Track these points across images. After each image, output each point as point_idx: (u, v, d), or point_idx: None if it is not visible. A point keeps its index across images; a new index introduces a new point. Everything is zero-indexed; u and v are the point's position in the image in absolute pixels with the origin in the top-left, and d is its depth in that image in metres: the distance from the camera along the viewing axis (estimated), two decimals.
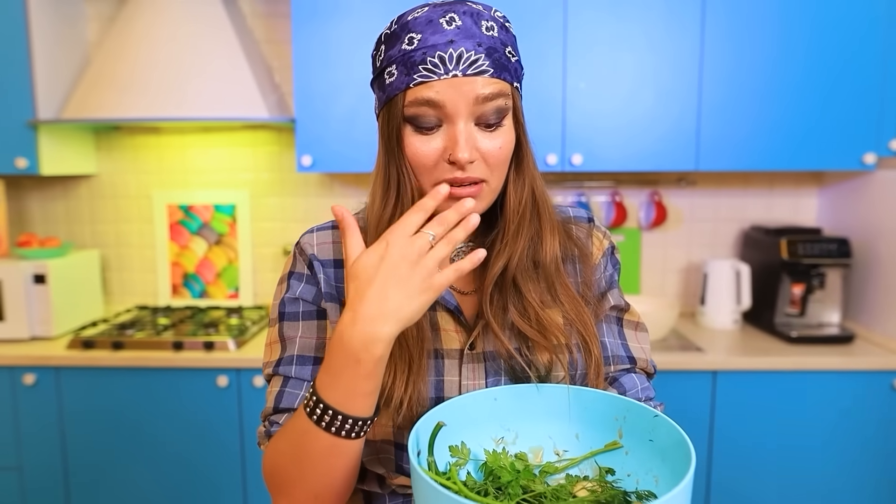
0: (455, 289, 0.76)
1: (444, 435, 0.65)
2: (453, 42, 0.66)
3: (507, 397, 0.69)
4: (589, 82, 1.95)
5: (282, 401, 0.72)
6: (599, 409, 0.67)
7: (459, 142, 0.66)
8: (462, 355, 0.73)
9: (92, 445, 1.92)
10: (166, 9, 2.01)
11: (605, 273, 0.80)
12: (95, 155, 2.36)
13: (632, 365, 0.78)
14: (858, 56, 1.92)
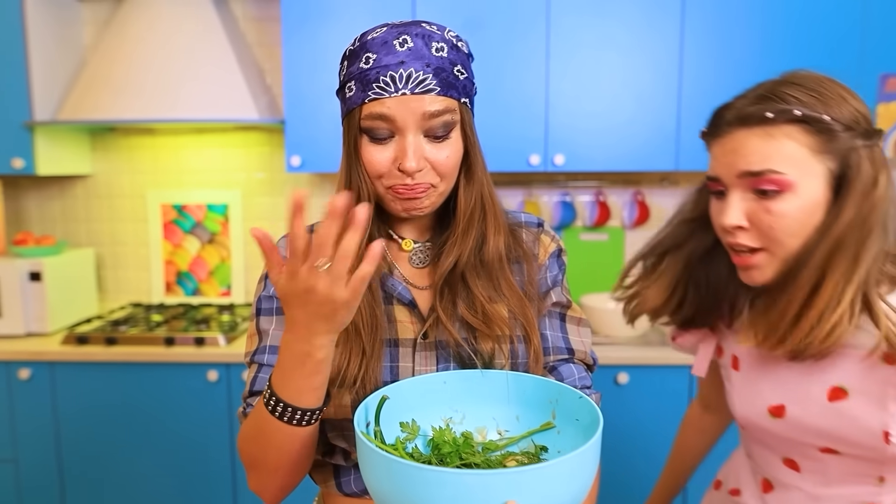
0: (411, 284, 0.81)
1: (397, 413, 0.70)
2: (404, 63, 0.72)
3: (456, 381, 0.74)
4: (571, 85, 2.00)
5: (255, 384, 0.78)
6: (536, 393, 0.72)
7: (408, 153, 0.72)
8: (415, 344, 0.78)
9: (86, 438, 1.97)
10: (160, 13, 2.07)
11: (551, 273, 0.85)
12: (91, 155, 2.41)
13: (570, 356, 0.83)
14: (833, 59, 1.96)
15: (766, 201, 0.75)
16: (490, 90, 2.00)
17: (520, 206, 2.33)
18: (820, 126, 0.73)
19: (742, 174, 0.76)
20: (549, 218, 2.36)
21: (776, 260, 0.77)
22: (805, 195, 0.74)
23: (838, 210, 0.74)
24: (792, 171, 0.74)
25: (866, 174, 0.73)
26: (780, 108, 0.74)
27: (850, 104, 0.76)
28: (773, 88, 0.76)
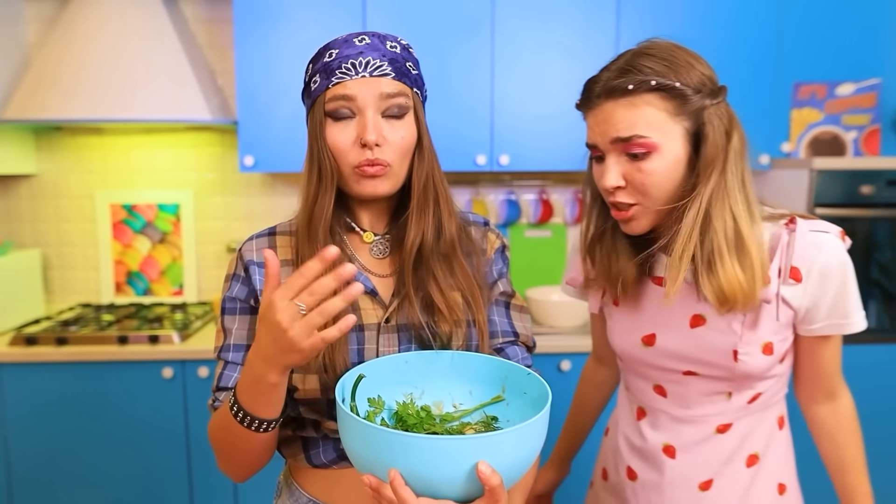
0: (371, 273, 0.89)
1: (364, 389, 0.78)
2: (362, 53, 0.83)
3: (416, 361, 0.82)
4: (516, 88, 2.11)
5: (221, 381, 0.87)
6: (487, 371, 0.82)
7: (368, 126, 0.81)
8: (379, 328, 0.86)
9: (36, 440, 1.96)
10: (109, 13, 2.07)
11: (496, 266, 0.95)
12: (36, 155, 2.38)
13: (515, 338, 0.93)
14: (751, 68, 2.13)
15: (637, 162, 0.85)
16: (438, 94, 2.09)
17: (467, 204, 2.43)
18: (673, 92, 0.83)
19: (614, 140, 0.86)
20: (495, 216, 2.47)
21: (649, 212, 0.88)
22: (669, 153, 0.85)
23: (704, 169, 0.84)
24: (655, 134, 0.84)
25: (718, 129, 0.85)
26: (638, 79, 0.84)
27: (696, 69, 0.85)
28: (631, 60, 0.86)
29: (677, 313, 0.95)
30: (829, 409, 0.99)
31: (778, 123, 2.18)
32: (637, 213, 0.89)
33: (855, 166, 2.02)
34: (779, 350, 0.92)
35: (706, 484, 0.98)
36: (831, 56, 2.16)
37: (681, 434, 0.99)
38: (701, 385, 0.96)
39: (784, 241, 0.88)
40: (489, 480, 0.62)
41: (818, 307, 0.89)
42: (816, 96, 2.18)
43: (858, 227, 2.05)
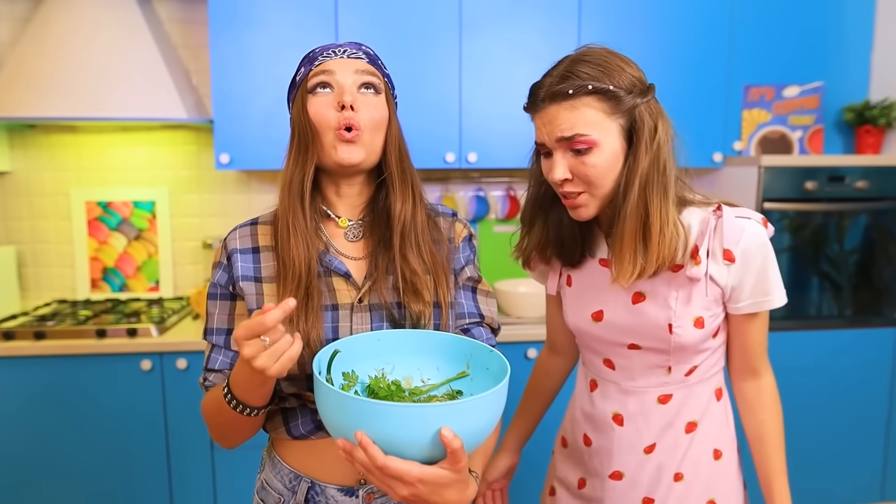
0: (346, 256, 0.97)
1: (339, 364, 0.86)
2: (341, 45, 0.95)
3: (387, 338, 0.90)
4: (483, 89, 2.20)
5: (209, 363, 0.96)
6: (453, 348, 0.90)
7: (345, 91, 0.91)
8: (353, 307, 0.94)
9: (15, 433, 2.00)
10: (83, 12, 2.10)
11: (464, 254, 1.04)
12: (9, 153, 2.40)
13: (480, 320, 1.02)
14: (708, 71, 2.26)
15: (580, 157, 0.95)
16: (409, 95, 2.18)
17: (437, 199, 2.52)
18: (608, 94, 0.94)
19: (559, 139, 0.95)
20: (465, 211, 2.57)
21: (595, 199, 0.99)
22: (607, 148, 0.95)
23: (635, 154, 0.95)
24: (594, 132, 0.93)
25: (648, 124, 0.95)
26: (577, 84, 0.94)
27: (627, 72, 0.95)
28: (570, 67, 0.96)
29: (621, 291, 1.06)
30: (752, 386, 1.10)
31: (730, 123, 2.32)
32: (585, 200, 0.99)
33: (800, 163, 2.16)
34: (709, 325, 1.02)
35: (650, 448, 1.09)
36: (778, 60, 2.31)
37: (627, 404, 1.10)
38: (644, 358, 1.07)
39: (711, 225, 0.99)
40: (451, 443, 0.71)
41: (742, 286, 1.00)
42: (765, 98, 2.32)
43: (804, 221, 2.20)
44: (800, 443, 2.29)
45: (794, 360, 2.25)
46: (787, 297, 1.03)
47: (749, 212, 1.01)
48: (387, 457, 0.72)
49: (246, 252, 0.97)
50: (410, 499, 0.75)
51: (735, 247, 0.98)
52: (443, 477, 0.74)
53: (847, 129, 2.41)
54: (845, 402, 2.29)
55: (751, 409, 1.10)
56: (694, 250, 0.99)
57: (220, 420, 0.91)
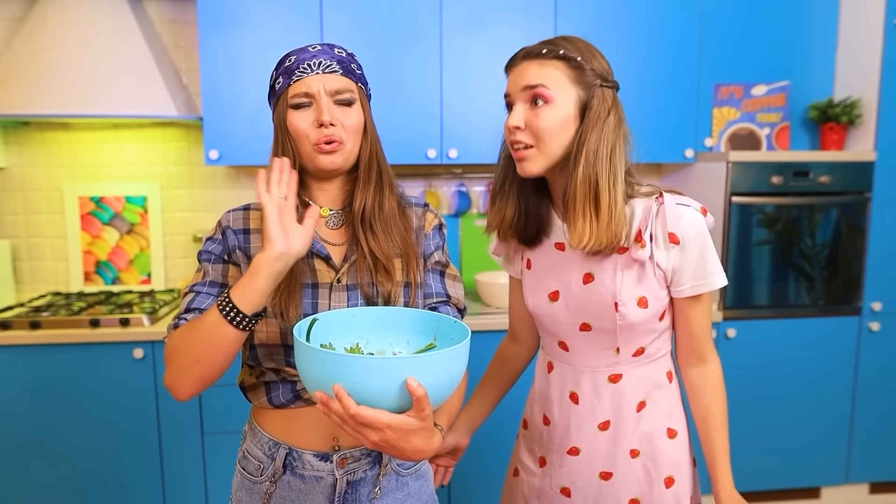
0: (326, 242, 1.07)
1: (318, 337, 0.94)
2: (316, 56, 1.02)
3: (362, 314, 0.99)
4: (462, 87, 2.29)
5: (193, 303, 1.01)
6: (421, 323, 0.99)
7: (324, 110, 1.00)
8: (332, 286, 1.04)
9: (11, 419, 2.07)
10: (76, 12, 2.18)
11: (434, 241, 1.13)
12: (4, 149, 2.46)
13: (447, 299, 1.11)
14: (676, 71, 2.36)
15: (536, 109, 1.05)
16: (392, 94, 2.27)
17: (421, 195, 2.61)
18: (575, 63, 1.05)
19: (524, 88, 1.05)
20: (448, 206, 2.65)
21: (541, 155, 1.07)
22: (561, 108, 1.05)
23: (585, 128, 1.05)
24: (554, 90, 1.04)
25: (602, 105, 1.06)
26: (551, 48, 1.06)
27: (597, 59, 1.07)
28: (552, 39, 1.08)
29: (574, 272, 1.15)
30: (698, 371, 1.17)
31: (701, 120, 2.41)
32: (531, 154, 1.08)
33: (766, 159, 2.27)
34: (653, 306, 1.11)
35: (604, 424, 1.17)
36: (747, 60, 2.41)
37: (581, 383, 1.19)
38: (594, 340, 1.16)
39: (653, 211, 1.08)
40: (416, 391, 0.80)
41: (683, 269, 1.09)
42: (734, 96, 2.42)
43: (776, 215, 2.29)
44: (770, 425, 2.40)
45: (769, 347, 2.35)
46: (727, 280, 1.12)
47: (689, 200, 1.10)
48: (359, 406, 0.80)
49: (238, 232, 1.07)
50: (381, 444, 0.83)
51: (677, 229, 1.06)
52: (409, 424, 0.82)
53: (812, 127, 2.52)
54: (814, 387, 2.40)
55: (697, 394, 1.17)
56: (638, 234, 1.08)
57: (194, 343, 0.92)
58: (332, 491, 1.03)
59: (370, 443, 0.83)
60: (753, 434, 2.39)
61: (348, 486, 1.04)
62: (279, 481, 1.03)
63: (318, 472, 1.03)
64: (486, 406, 1.38)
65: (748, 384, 2.36)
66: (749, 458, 2.39)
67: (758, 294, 2.34)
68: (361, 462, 1.04)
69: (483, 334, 2.18)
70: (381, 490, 1.05)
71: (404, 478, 1.09)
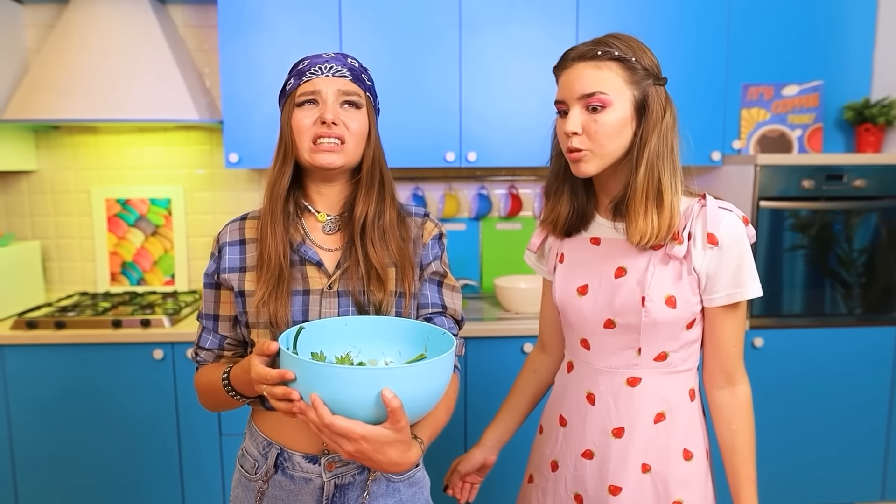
0: (320, 247, 1.06)
1: (308, 345, 0.94)
2: (328, 61, 1.04)
3: (354, 324, 0.98)
4: (482, 89, 2.27)
5: (200, 342, 1.11)
6: (413, 333, 0.98)
7: (328, 108, 1.01)
8: (322, 292, 1.03)
9: (36, 417, 2.12)
10: (102, 19, 2.22)
11: (433, 251, 1.12)
12: (35, 153, 2.53)
13: (443, 310, 1.10)
14: (707, 71, 2.29)
15: (594, 114, 1.04)
16: (410, 95, 2.25)
17: (441, 198, 2.59)
18: (629, 64, 1.04)
19: (581, 96, 1.05)
20: (469, 209, 2.63)
21: (597, 157, 1.06)
22: (619, 111, 1.04)
23: (645, 128, 1.04)
24: (611, 93, 1.03)
25: (658, 104, 1.05)
26: (605, 49, 1.04)
27: (648, 56, 1.07)
28: (602, 38, 1.07)
29: (607, 266, 1.13)
30: (727, 394, 1.12)
31: (728, 122, 2.34)
32: (587, 156, 1.07)
33: (796, 162, 2.18)
34: (682, 309, 1.07)
35: (618, 431, 1.13)
36: (778, 59, 2.32)
37: (599, 384, 1.15)
38: (617, 338, 1.13)
39: (695, 210, 1.06)
40: (390, 402, 0.78)
41: (718, 276, 1.06)
42: (764, 97, 2.33)
43: (811, 220, 2.20)
44: (801, 438, 2.30)
45: (801, 357, 2.26)
46: (762, 291, 1.08)
47: (732, 206, 1.08)
48: (334, 416, 0.80)
49: (234, 244, 1.08)
50: (356, 455, 0.83)
51: (717, 231, 1.04)
52: (384, 436, 0.81)
53: (847, 128, 2.41)
54: (848, 399, 2.30)
55: (724, 419, 1.12)
56: (676, 232, 1.06)
57: (214, 397, 1.08)
58: (320, 493, 1.04)
59: (346, 453, 0.83)
60: (784, 447, 2.30)
61: (336, 490, 1.04)
62: (271, 480, 1.05)
63: (306, 474, 1.04)
64: (514, 420, 1.35)
65: (777, 395, 2.28)
66: (779, 473, 2.31)
67: (788, 302, 2.25)
68: (350, 466, 1.05)
69: (502, 339, 2.15)
70: (369, 495, 1.05)
71: (396, 484, 1.08)
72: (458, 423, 2.18)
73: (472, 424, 2.19)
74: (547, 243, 1.27)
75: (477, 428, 2.18)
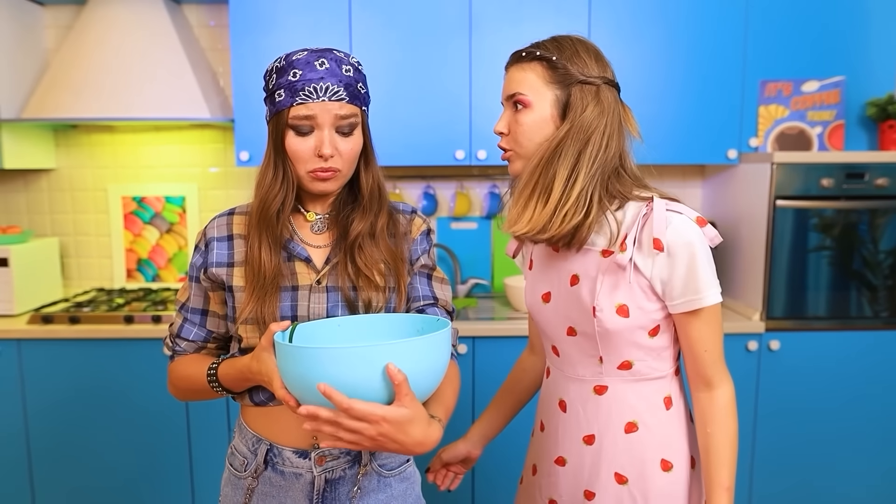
0: (309, 244, 1.06)
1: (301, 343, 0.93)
2: (323, 78, 0.98)
3: (347, 323, 0.98)
4: (492, 88, 2.25)
5: (181, 332, 1.10)
6: (406, 325, 0.97)
7: (325, 142, 0.98)
8: (311, 288, 1.03)
9: (51, 409, 2.16)
10: (117, 19, 2.26)
11: (421, 246, 1.12)
12: (55, 151, 2.58)
13: (434, 302, 1.10)
14: (722, 67, 2.24)
15: (516, 114, 1.05)
16: (420, 93, 2.24)
17: (452, 197, 2.57)
18: (551, 64, 1.03)
19: (508, 96, 1.07)
20: (480, 208, 2.61)
21: (520, 157, 1.07)
22: (538, 111, 1.04)
23: (558, 123, 1.04)
24: (530, 94, 1.04)
25: (580, 103, 1.03)
26: (530, 50, 1.06)
27: (581, 56, 1.04)
28: (539, 41, 1.08)
29: (563, 273, 1.10)
30: (706, 397, 1.06)
31: (745, 119, 2.28)
32: (511, 156, 1.09)
33: (814, 160, 2.12)
34: (636, 317, 1.03)
35: (589, 438, 1.10)
36: (797, 54, 2.26)
37: (569, 391, 1.13)
38: (579, 345, 1.10)
39: (641, 214, 1.01)
40: (396, 376, 0.79)
41: (672, 282, 1.00)
42: (783, 93, 2.27)
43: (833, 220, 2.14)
44: (821, 444, 2.24)
45: (821, 360, 2.19)
46: (720, 297, 1.01)
47: (683, 207, 1.02)
48: (352, 399, 0.79)
49: (222, 240, 1.07)
50: (380, 439, 0.81)
51: (662, 236, 0.99)
52: (404, 414, 0.81)
53: (871, 125, 2.34)
54: (872, 404, 2.22)
55: (701, 421, 1.08)
56: (623, 239, 1.02)
57: (192, 389, 1.05)
58: (310, 488, 1.03)
59: (369, 440, 0.82)
60: (803, 453, 2.24)
61: (327, 484, 1.03)
62: (261, 477, 1.05)
63: (297, 469, 1.03)
64: (501, 417, 1.34)
65: (795, 400, 2.21)
66: (798, 480, 2.24)
67: (807, 303, 2.19)
68: (340, 460, 1.04)
69: (512, 339, 2.13)
70: (360, 489, 1.05)
71: (387, 479, 1.07)
72: (466, 421, 2.16)
73: None
74: (525, 246, 1.24)
75: None
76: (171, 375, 1.10)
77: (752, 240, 2.24)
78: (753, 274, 2.24)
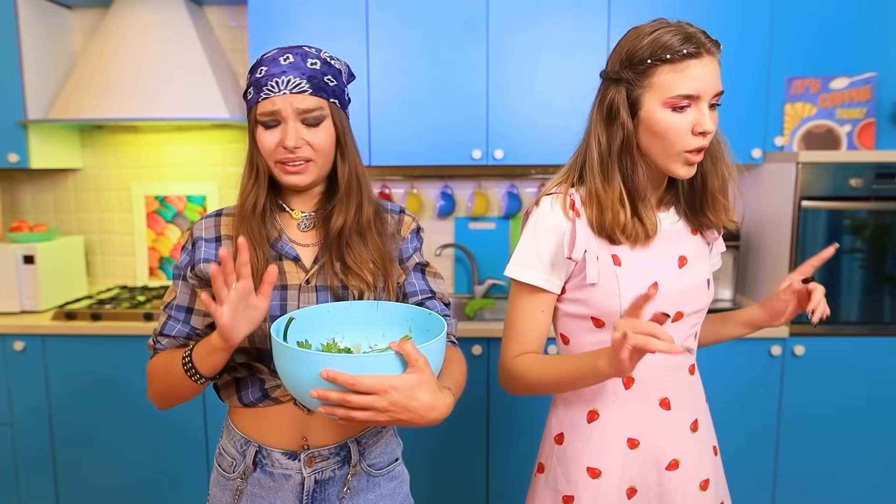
0: (296, 243, 1.06)
1: (293, 335, 0.93)
2: (285, 72, 0.99)
3: (336, 310, 0.97)
4: (509, 87, 2.23)
5: (165, 329, 1.06)
6: (397, 316, 0.97)
7: (289, 133, 0.98)
8: (300, 287, 1.03)
9: (73, 402, 2.20)
10: (139, 21, 2.30)
11: (412, 244, 1.13)
12: (80, 151, 2.64)
13: (432, 295, 1.09)
14: (747, 63, 2.18)
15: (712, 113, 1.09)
16: (436, 92, 2.24)
17: (470, 196, 2.56)
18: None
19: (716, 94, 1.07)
20: (498, 208, 2.59)
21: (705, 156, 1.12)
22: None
23: None
24: None
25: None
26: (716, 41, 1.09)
27: None
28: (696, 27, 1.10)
29: (669, 258, 1.10)
30: None
31: (771, 118, 2.22)
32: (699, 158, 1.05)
33: (841, 159, 2.05)
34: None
35: (694, 424, 1.12)
36: (824, 51, 2.19)
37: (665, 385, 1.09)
38: (683, 328, 1.10)
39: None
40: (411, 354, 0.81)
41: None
42: (810, 90, 2.21)
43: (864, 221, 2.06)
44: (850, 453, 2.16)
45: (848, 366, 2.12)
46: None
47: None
48: (356, 375, 0.78)
49: (210, 241, 1.07)
50: (391, 409, 0.80)
51: None
52: (412, 379, 0.81)
53: None
54: None
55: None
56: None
57: (167, 380, 1.01)
58: (300, 489, 1.02)
59: (380, 412, 0.81)
60: (827, 462, 2.16)
61: (317, 485, 1.03)
62: (249, 478, 1.04)
63: (286, 470, 1.02)
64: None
65: (821, 406, 2.13)
66: (821, 489, 2.17)
67: (835, 307, 2.11)
68: (330, 461, 1.03)
69: None
70: (350, 490, 1.04)
71: (376, 478, 1.06)
72: (480, 419, 2.14)
73: (494, 422, 2.14)
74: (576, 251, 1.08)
75: (498, 423, 2.14)
76: (149, 373, 1.06)
77: (777, 241, 2.18)
78: (777, 276, 2.17)
